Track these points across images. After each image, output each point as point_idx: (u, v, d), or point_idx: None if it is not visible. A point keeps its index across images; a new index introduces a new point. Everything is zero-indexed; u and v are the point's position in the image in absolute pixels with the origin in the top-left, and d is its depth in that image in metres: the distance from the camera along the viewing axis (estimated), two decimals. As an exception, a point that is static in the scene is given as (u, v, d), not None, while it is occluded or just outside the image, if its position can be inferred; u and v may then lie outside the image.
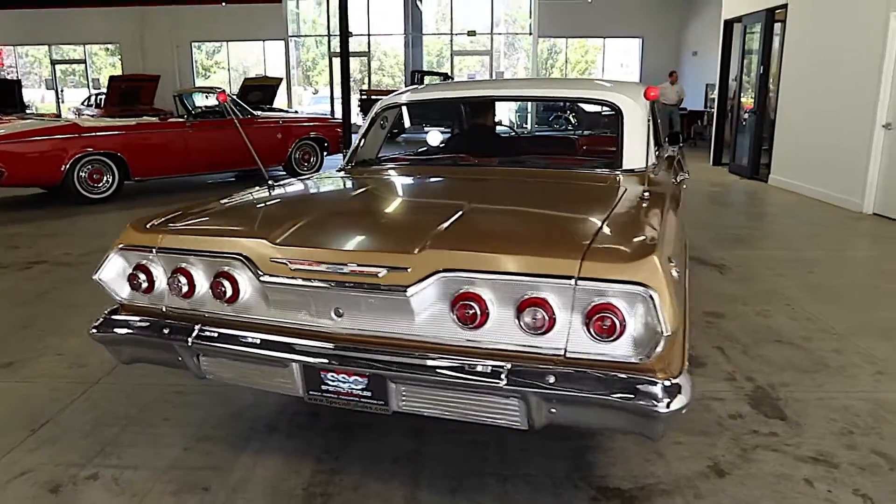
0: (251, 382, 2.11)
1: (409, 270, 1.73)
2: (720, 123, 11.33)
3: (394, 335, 1.81)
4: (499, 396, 1.72)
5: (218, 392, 2.81)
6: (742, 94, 10.31)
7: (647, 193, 2.15)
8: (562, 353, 1.65)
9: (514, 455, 2.35)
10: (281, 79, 16.94)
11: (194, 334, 2.02)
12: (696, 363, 3.14)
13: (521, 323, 1.66)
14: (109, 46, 22.31)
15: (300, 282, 1.84)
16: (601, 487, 2.16)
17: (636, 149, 2.73)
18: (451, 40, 21.56)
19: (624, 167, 2.71)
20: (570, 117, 16.28)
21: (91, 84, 22.39)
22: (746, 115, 9.91)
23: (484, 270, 1.68)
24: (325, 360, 1.87)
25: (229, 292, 1.96)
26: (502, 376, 1.66)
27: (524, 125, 18.68)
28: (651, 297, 1.53)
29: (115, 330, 2.16)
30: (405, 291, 1.72)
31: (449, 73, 20.36)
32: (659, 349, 1.53)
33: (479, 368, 1.69)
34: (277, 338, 1.93)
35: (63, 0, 20.40)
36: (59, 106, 21.74)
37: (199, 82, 21.62)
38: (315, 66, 25.41)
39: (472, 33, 20.70)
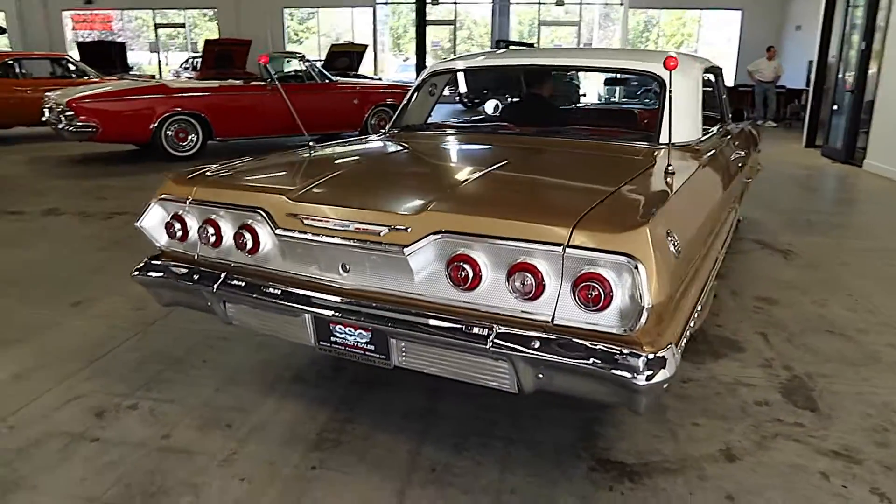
0: (271, 330, 2.24)
1: (408, 230, 1.78)
2: (816, 103, 10.61)
3: (395, 292, 1.88)
4: (488, 358, 1.75)
5: (256, 341, 2.98)
6: (842, 73, 9.59)
7: (670, 167, 2.08)
8: (550, 319, 1.66)
9: (524, 421, 2.37)
10: (366, 46, 17.14)
11: (219, 281, 2.16)
12: (735, 348, 3.04)
13: (511, 287, 1.68)
14: (207, 12, 23.20)
15: (310, 236, 1.93)
16: (603, 459, 2.16)
17: (678, 122, 2.63)
18: (539, 9, 21.10)
19: (661, 140, 2.63)
20: (657, 90, 15.61)
21: (191, 48, 23.43)
22: (850, 94, 9.21)
23: (478, 234, 1.70)
24: (332, 313, 1.96)
25: (250, 244, 2.08)
26: (489, 338, 1.69)
27: (612, 98, 18.13)
28: (637, 268, 1.51)
29: (152, 274, 2.34)
30: (403, 250, 1.77)
31: (533, 44, 19.98)
32: (642, 322, 1.52)
33: (469, 329, 1.73)
34: (291, 289, 2.04)
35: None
36: (160, 68, 22.89)
37: (291, 48, 22.18)
38: (406, 34, 25.54)
39: (560, 3, 20.16)
